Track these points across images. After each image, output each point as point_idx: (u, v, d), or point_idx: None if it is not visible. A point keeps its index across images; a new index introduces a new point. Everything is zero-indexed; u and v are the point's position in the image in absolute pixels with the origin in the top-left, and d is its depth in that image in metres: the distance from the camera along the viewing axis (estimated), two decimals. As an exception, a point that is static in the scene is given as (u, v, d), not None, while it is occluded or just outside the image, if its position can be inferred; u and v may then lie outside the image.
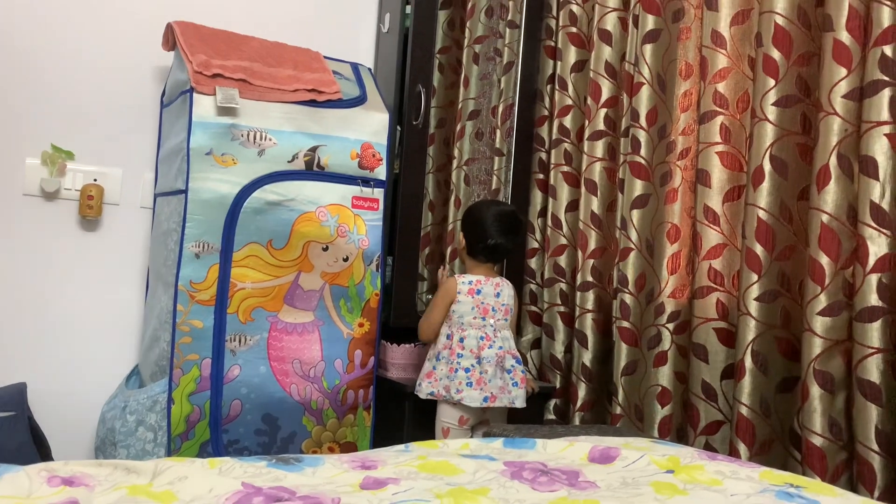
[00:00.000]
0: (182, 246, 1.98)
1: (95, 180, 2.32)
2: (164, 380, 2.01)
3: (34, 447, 2.02)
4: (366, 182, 2.17)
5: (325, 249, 2.11)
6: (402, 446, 1.38)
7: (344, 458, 1.26)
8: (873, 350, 1.64)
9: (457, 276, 2.19)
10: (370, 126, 2.19)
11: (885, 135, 1.66)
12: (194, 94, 2.00)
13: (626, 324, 2.22)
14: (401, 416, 2.26)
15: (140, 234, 2.37)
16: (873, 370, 1.64)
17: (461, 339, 2.12)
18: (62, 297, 2.30)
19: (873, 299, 1.65)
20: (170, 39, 2.23)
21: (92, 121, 2.32)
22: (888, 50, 1.66)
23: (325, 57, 2.31)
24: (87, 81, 2.32)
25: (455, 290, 2.15)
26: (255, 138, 2.04)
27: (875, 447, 1.63)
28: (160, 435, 1.99)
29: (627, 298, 2.22)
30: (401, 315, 2.42)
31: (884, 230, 1.66)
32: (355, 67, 2.36)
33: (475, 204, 2.32)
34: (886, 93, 1.66)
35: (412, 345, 2.38)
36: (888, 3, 1.67)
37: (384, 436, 2.19)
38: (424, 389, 2.14)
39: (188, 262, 1.99)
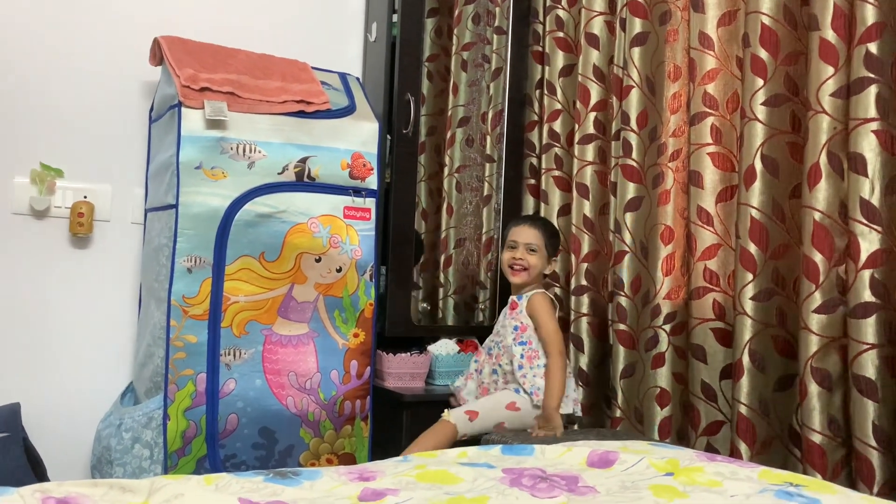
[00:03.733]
0: (174, 261, 1.97)
1: (85, 197, 2.31)
2: (159, 396, 1.99)
3: (29, 468, 2.00)
4: (357, 192, 2.16)
5: (318, 261, 2.10)
6: (400, 457, 1.37)
7: (342, 470, 1.25)
8: (868, 346, 1.65)
9: (545, 292, 2.21)
10: (360, 136, 2.18)
11: (872, 131, 1.67)
12: (182, 109, 1.99)
13: (622, 326, 2.22)
14: (399, 425, 2.26)
15: (131, 250, 2.36)
16: (869, 366, 1.64)
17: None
18: (55, 315, 2.28)
19: (867, 295, 1.66)
20: (157, 54, 2.22)
21: (80, 138, 2.31)
22: (873, 47, 1.67)
23: (312, 67, 2.31)
24: (75, 99, 2.31)
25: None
26: (244, 151, 2.04)
27: (873, 443, 1.62)
28: (156, 452, 1.98)
29: (623, 301, 2.22)
30: (395, 324, 2.42)
31: (874, 226, 1.66)
32: (343, 77, 2.36)
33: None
34: (873, 90, 1.67)
35: (408, 354, 2.37)
36: (872, 1, 1.67)
37: (382, 446, 2.18)
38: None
39: (180, 276, 1.98)
